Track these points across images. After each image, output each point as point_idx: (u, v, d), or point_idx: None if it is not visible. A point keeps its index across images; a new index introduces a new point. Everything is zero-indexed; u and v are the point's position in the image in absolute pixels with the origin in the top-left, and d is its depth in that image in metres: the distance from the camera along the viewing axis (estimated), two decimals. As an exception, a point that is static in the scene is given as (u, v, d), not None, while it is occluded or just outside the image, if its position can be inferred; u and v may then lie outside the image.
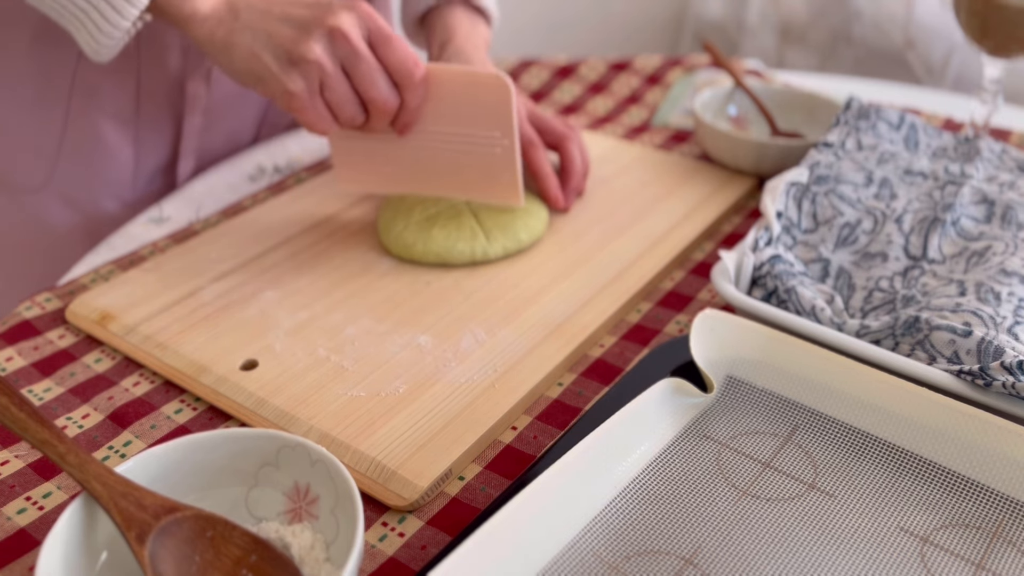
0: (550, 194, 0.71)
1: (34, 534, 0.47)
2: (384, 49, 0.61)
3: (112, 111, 0.76)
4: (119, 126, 0.77)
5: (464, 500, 0.49)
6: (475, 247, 0.66)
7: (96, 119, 0.76)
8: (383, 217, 0.69)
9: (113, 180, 0.79)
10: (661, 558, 0.43)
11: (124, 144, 0.78)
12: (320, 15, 0.60)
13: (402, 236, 0.67)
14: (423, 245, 0.66)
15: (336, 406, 0.54)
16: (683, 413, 0.51)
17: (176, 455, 0.44)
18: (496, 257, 0.67)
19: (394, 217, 0.68)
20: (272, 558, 0.42)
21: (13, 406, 0.43)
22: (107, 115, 0.76)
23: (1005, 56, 0.72)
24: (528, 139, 0.71)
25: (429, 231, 0.66)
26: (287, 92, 0.60)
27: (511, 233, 0.67)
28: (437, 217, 0.68)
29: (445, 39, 0.75)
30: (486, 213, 0.69)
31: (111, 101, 0.76)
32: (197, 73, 0.77)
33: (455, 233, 0.66)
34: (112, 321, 0.61)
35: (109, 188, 0.79)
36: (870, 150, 0.70)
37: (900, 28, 1.74)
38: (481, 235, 0.67)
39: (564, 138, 0.73)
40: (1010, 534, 0.44)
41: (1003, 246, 0.60)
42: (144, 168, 0.80)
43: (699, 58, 1.00)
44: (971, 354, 0.51)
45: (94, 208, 0.79)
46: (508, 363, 0.57)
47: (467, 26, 0.76)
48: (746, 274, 0.59)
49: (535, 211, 0.70)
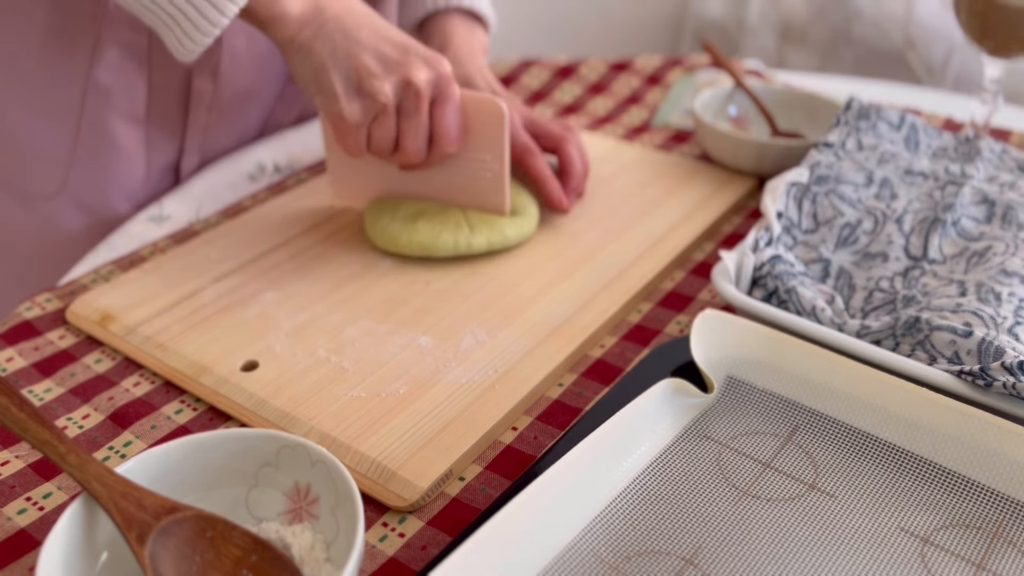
0: (553, 197, 0.71)
1: (34, 534, 0.47)
2: (440, 110, 0.63)
3: (124, 112, 0.76)
4: (131, 127, 0.77)
5: (464, 500, 0.49)
6: (459, 238, 0.66)
7: (109, 121, 0.76)
8: (370, 212, 0.70)
9: (126, 182, 0.79)
10: (661, 558, 0.43)
11: (136, 145, 0.78)
12: (405, 61, 0.61)
13: (387, 229, 0.67)
14: (407, 237, 0.66)
15: (336, 407, 0.54)
16: (683, 413, 0.51)
17: (176, 455, 0.44)
18: (480, 250, 0.67)
19: (380, 211, 0.69)
20: (272, 558, 0.42)
21: (13, 406, 0.43)
22: (120, 116, 0.76)
23: (1005, 56, 0.72)
24: (524, 147, 0.71)
25: (414, 223, 0.67)
26: (342, 117, 0.61)
27: (497, 227, 0.67)
28: (423, 212, 0.68)
29: (442, 46, 0.76)
30: (473, 210, 0.69)
31: (123, 102, 0.76)
32: (204, 70, 0.77)
33: (440, 225, 0.67)
34: (112, 322, 0.61)
35: (122, 190, 0.79)
36: (870, 150, 0.70)
37: (900, 28, 1.74)
38: (465, 227, 0.67)
39: (561, 140, 0.73)
40: (1010, 534, 0.44)
41: (1003, 246, 0.60)
42: (155, 168, 0.80)
43: (699, 58, 1.00)
44: (971, 354, 0.51)
45: (106, 210, 0.79)
46: (508, 363, 0.57)
47: (464, 33, 0.77)
48: (746, 274, 0.59)
49: (524, 208, 0.70)
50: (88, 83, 0.73)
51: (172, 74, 0.76)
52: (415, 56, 0.62)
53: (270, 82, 0.83)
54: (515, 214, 0.69)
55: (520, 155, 0.71)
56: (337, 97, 0.61)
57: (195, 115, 0.79)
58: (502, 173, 0.67)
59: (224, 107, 0.81)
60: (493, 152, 0.66)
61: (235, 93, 0.81)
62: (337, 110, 0.61)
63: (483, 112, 0.65)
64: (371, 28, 0.62)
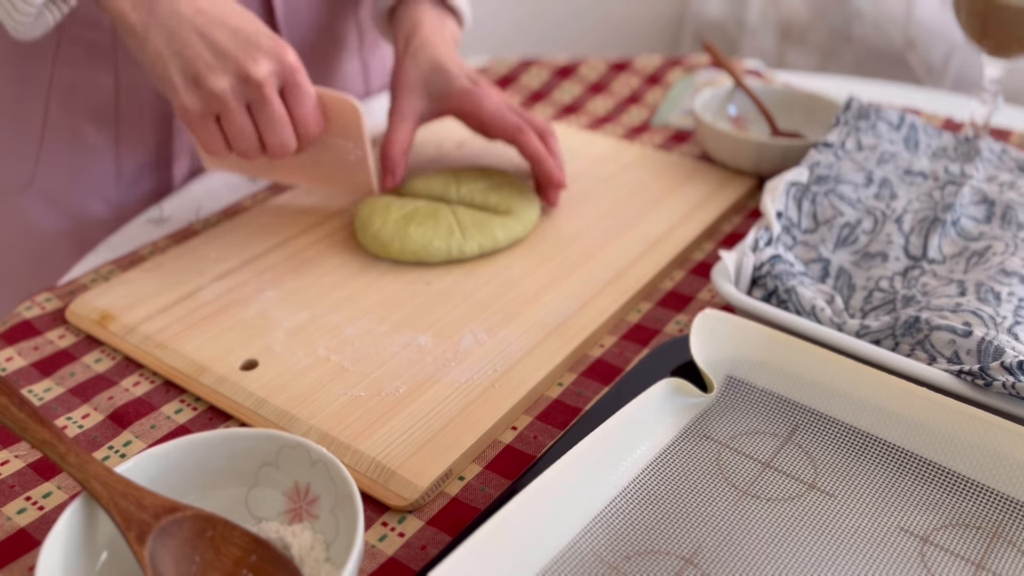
0: (552, 176, 0.70)
1: (34, 534, 0.47)
2: (293, 100, 0.61)
3: (91, 110, 0.76)
4: (99, 126, 0.77)
5: (464, 500, 0.49)
6: (451, 244, 0.66)
7: (76, 118, 0.75)
8: (360, 215, 0.69)
9: (96, 180, 0.79)
10: (661, 558, 0.43)
11: (106, 144, 0.77)
12: (240, 56, 0.58)
13: (379, 235, 0.67)
14: (399, 244, 0.66)
15: (336, 406, 0.54)
16: (683, 413, 0.51)
17: (176, 455, 0.44)
18: (472, 255, 0.67)
19: (371, 215, 0.68)
20: (272, 558, 0.42)
21: (13, 406, 0.43)
22: (87, 114, 0.76)
23: (1005, 56, 0.72)
24: (515, 127, 0.70)
25: (405, 229, 0.66)
26: (182, 107, 0.59)
27: (487, 231, 0.67)
28: (414, 215, 0.68)
29: (410, 32, 0.75)
30: (464, 211, 0.69)
31: (89, 100, 0.75)
32: None
33: (431, 231, 0.66)
34: (112, 321, 0.61)
35: (93, 189, 0.79)
36: (870, 150, 0.70)
37: (900, 28, 1.74)
38: (457, 231, 0.67)
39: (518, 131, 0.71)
40: (1010, 534, 0.44)
41: (1003, 246, 0.60)
42: (127, 168, 0.80)
43: (699, 58, 1.00)
44: (971, 354, 0.51)
45: (80, 210, 0.79)
46: (508, 363, 0.57)
47: (434, 20, 0.76)
48: (746, 274, 0.59)
49: (515, 210, 0.70)
50: (53, 79, 0.73)
51: (142, 74, 0.76)
52: (254, 47, 0.58)
53: None
54: (506, 215, 0.69)
55: (512, 136, 0.70)
56: (175, 87, 0.58)
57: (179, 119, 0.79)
58: (365, 158, 0.69)
59: None
60: (354, 140, 0.67)
61: None
62: (177, 101, 0.59)
63: (340, 109, 0.65)
64: (210, 13, 0.59)
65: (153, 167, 0.81)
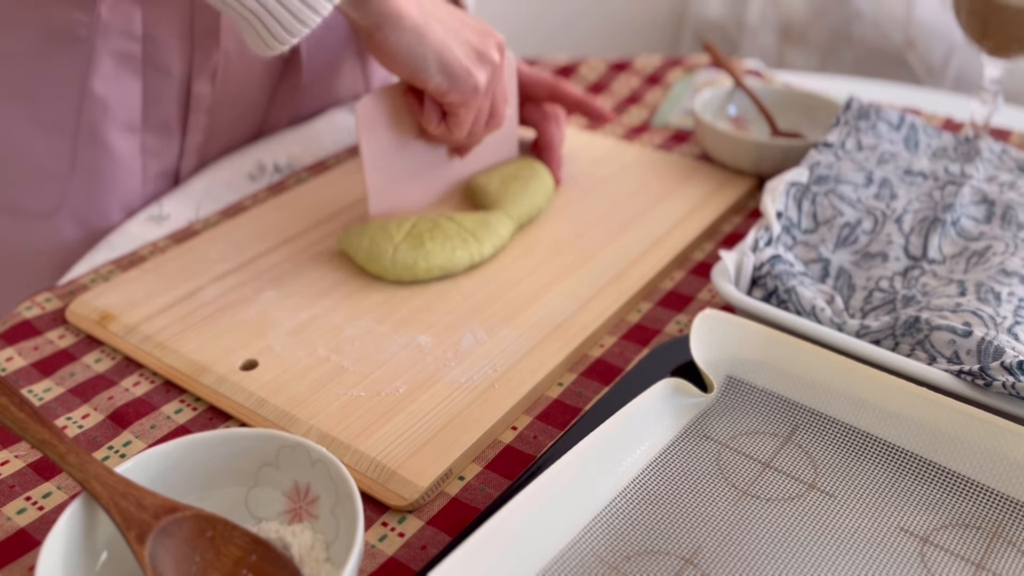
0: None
1: (34, 534, 0.47)
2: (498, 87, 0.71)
3: (120, 122, 0.75)
4: (127, 135, 0.76)
5: (464, 500, 0.49)
6: (472, 251, 0.66)
7: (106, 132, 0.75)
8: (360, 249, 0.65)
9: (122, 192, 0.78)
10: (661, 558, 0.43)
11: (132, 154, 0.77)
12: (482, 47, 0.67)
13: (397, 260, 0.64)
14: (425, 263, 0.64)
15: (336, 406, 0.54)
16: (683, 413, 0.51)
17: (176, 455, 0.44)
18: (488, 257, 0.67)
19: (373, 243, 0.65)
20: (272, 558, 0.42)
21: (13, 406, 0.43)
22: (116, 126, 0.75)
23: (1005, 56, 0.72)
24: (552, 80, 0.80)
25: (422, 247, 0.64)
26: (476, 85, 0.65)
27: (493, 229, 0.67)
28: (419, 232, 0.65)
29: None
30: (458, 216, 0.68)
31: (119, 111, 0.75)
32: (203, 73, 0.76)
33: (449, 243, 0.65)
34: (112, 321, 0.61)
35: (118, 200, 0.78)
36: (870, 150, 0.70)
37: (900, 28, 1.74)
38: (471, 238, 0.66)
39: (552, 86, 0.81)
40: (1010, 534, 0.44)
41: (1003, 246, 0.60)
42: (151, 175, 0.80)
43: (699, 58, 1.00)
44: (971, 354, 0.51)
45: (103, 221, 0.78)
46: (508, 363, 0.57)
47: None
48: (746, 274, 0.59)
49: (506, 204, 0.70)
50: (84, 95, 0.73)
51: (166, 81, 0.76)
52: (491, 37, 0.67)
53: (263, 86, 0.83)
54: (496, 211, 0.69)
55: (552, 88, 0.80)
56: (465, 68, 0.64)
57: (195, 119, 0.79)
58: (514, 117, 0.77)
59: (220, 111, 0.81)
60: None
61: (229, 97, 0.81)
62: (471, 81, 0.65)
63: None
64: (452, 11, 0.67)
65: (168, 174, 0.81)
